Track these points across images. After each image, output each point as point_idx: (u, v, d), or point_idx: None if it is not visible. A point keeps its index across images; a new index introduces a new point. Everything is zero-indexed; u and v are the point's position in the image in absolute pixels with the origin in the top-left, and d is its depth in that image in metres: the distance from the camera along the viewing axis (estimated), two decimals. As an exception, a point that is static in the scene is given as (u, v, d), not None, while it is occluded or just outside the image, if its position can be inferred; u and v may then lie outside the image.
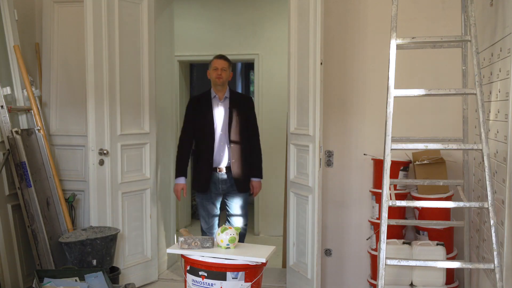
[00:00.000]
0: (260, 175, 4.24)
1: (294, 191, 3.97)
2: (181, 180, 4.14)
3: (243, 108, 4.14)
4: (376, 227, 3.79)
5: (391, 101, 2.63)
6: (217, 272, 2.35)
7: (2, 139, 3.71)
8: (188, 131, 4.17)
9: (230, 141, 4.05)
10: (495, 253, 2.43)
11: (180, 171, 4.15)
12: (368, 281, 3.91)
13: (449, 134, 3.65)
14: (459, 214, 3.73)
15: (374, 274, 3.71)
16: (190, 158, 4.21)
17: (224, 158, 4.06)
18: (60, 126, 4.35)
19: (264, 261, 2.30)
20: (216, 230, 3.36)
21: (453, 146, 2.59)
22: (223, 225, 2.48)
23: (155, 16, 4.35)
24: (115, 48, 4.02)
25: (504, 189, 2.52)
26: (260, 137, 4.30)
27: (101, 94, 3.94)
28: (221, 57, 4.13)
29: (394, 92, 2.64)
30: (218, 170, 4.06)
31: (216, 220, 4.22)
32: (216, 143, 4.04)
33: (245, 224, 4.22)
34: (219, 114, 4.08)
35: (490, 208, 2.46)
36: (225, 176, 4.06)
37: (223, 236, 2.40)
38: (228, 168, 4.06)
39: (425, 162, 3.60)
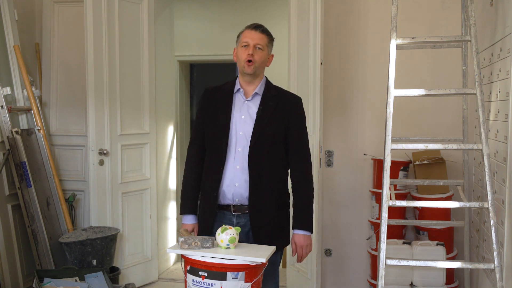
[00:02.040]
0: (309, 227, 2.56)
1: (294, 191, 3.96)
2: (189, 219, 2.58)
3: (283, 114, 2.50)
4: (376, 227, 3.79)
5: (391, 101, 2.63)
6: (217, 272, 2.34)
7: (2, 139, 3.71)
8: (198, 139, 2.59)
9: (251, 165, 2.45)
10: (495, 253, 2.43)
11: (187, 205, 2.60)
12: (368, 281, 3.91)
13: (449, 134, 3.66)
14: (459, 214, 3.73)
15: (374, 274, 3.71)
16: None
17: (240, 191, 2.47)
18: (60, 126, 4.35)
19: (264, 261, 2.29)
20: None
21: (453, 146, 2.59)
22: (223, 225, 2.47)
23: (155, 16, 4.35)
24: (115, 48, 4.02)
25: (504, 189, 2.52)
26: None
27: (101, 94, 3.95)
28: (257, 27, 2.48)
29: (394, 92, 2.64)
30: (228, 208, 2.51)
31: None
32: (229, 164, 2.47)
33: None
34: (242, 118, 2.49)
35: (490, 208, 2.46)
36: (238, 220, 2.52)
37: (223, 236, 2.39)
38: (242, 208, 2.49)
39: (425, 162, 3.60)
